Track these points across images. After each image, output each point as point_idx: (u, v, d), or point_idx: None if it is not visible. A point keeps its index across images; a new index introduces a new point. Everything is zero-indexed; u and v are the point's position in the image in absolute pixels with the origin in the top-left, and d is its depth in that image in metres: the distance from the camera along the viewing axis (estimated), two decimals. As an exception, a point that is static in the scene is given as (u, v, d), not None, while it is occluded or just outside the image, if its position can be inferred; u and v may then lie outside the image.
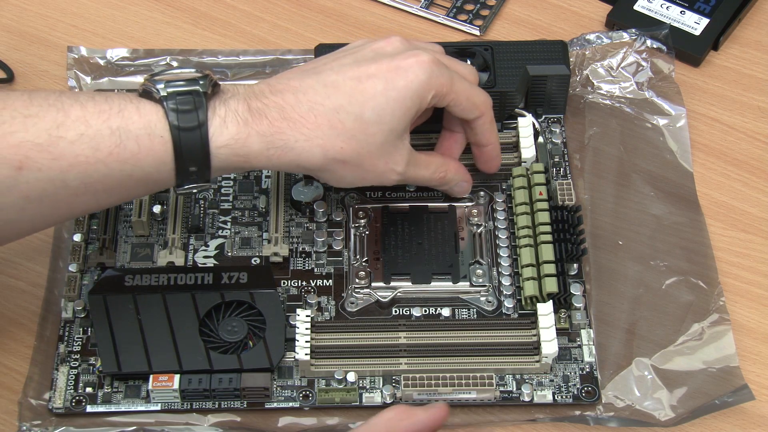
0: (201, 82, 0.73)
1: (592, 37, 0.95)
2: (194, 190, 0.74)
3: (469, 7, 0.99)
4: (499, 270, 0.83)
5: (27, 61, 0.95)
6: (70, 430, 0.77)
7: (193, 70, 0.75)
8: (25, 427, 0.76)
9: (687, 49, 0.95)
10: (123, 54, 0.94)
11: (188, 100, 0.73)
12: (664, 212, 0.86)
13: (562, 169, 0.88)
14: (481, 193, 0.86)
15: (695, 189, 0.88)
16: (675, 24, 0.96)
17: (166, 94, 0.73)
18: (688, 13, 0.97)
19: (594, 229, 0.85)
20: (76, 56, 0.94)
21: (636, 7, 0.97)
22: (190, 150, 0.72)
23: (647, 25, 0.96)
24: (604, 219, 0.86)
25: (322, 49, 0.89)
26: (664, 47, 0.94)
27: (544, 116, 0.91)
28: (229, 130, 0.73)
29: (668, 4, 0.97)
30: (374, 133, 0.76)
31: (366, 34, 0.97)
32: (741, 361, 0.79)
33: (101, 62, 0.94)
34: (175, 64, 0.94)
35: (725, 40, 0.97)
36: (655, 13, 0.97)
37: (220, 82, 0.75)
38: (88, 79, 0.93)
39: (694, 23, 0.96)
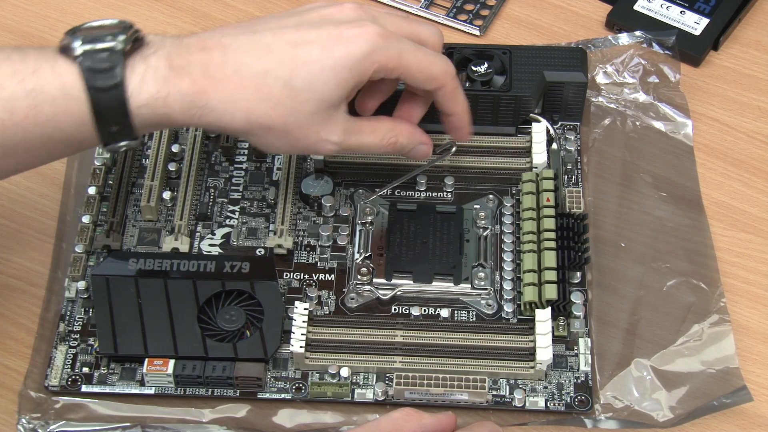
0: (120, 37, 0.70)
1: (598, 39, 0.95)
2: (123, 148, 0.72)
3: (469, 7, 0.99)
4: (502, 274, 0.83)
5: (27, 61, 0.95)
6: (70, 423, 0.77)
7: (116, 21, 0.72)
8: (24, 420, 0.77)
9: (687, 49, 0.95)
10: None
11: (105, 58, 0.69)
12: (668, 214, 0.86)
13: (573, 177, 0.88)
14: (490, 196, 0.86)
15: (699, 191, 0.88)
16: (675, 24, 0.96)
17: (82, 53, 0.69)
18: (688, 13, 0.97)
19: (597, 231, 0.85)
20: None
21: (636, 7, 0.97)
22: (109, 110, 0.70)
23: (647, 25, 0.96)
24: (607, 221, 0.86)
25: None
26: (670, 53, 0.94)
27: (560, 123, 0.90)
28: (148, 88, 0.70)
29: (668, 4, 0.97)
30: (303, 102, 0.72)
31: (366, 34, 0.97)
32: (741, 361, 0.79)
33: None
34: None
35: (725, 40, 0.97)
36: (655, 13, 0.97)
37: (148, 35, 0.72)
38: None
39: (694, 23, 0.96)
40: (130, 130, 0.71)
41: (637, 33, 0.95)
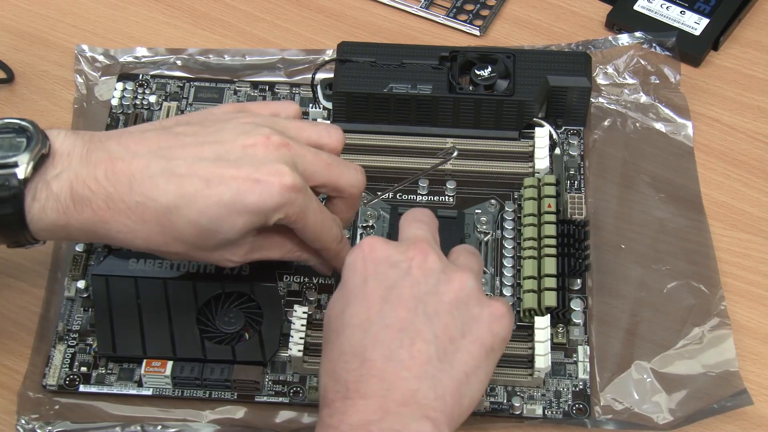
0: (21, 166, 0.69)
1: (598, 40, 0.95)
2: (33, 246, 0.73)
3: (469, 7, 0.99)
4: (502, 280, 0.82)
5: (27, 61, 0.95)
6: (67, 424, 0.77)
7: (24, 123, 0.71)
8: (23, 420, 0.77)
9: (687, 49, 0.95)
10: (137, 53, 0.95)
11: (5, 186, 0.69)
12: (668, 215, 0.86)
13: (576, 182, 0.88)
14: (492, 201, 0.86)
15: (699, 192, 0.88)
16: (675, 24, 0.96)
17: None
18: (688, 13, 0.97)
19: (597, 232, 0.85)
20: (86, 55, 0.94)
21: (636, 8, 0.97)
22: (10, 230, 0.71)
23: (647, 25, 0.96)
24: (608, 222, 0.86)
25: (344, 47, 0.89)
26: (670, 53, 0.94)
27: (564, 127, 0.90)
28: (49, 217, 0.70)
29: (668, 4, 0.97)
30: (206, 239, 0.72)
31: (366, 34, 0.97)
32: (741, 361, 0.79)
33: (109, 61, 0.94)
34: (179, 63, 0.94)
35: (725, 40, 0.97)
36: (655, 13, 0.97)
37: (56, 142, 0.71)
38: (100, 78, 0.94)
39: (694, 23, 0.96)
40: (35, 240, 0.72)
41: (637, 33, 0.95)
